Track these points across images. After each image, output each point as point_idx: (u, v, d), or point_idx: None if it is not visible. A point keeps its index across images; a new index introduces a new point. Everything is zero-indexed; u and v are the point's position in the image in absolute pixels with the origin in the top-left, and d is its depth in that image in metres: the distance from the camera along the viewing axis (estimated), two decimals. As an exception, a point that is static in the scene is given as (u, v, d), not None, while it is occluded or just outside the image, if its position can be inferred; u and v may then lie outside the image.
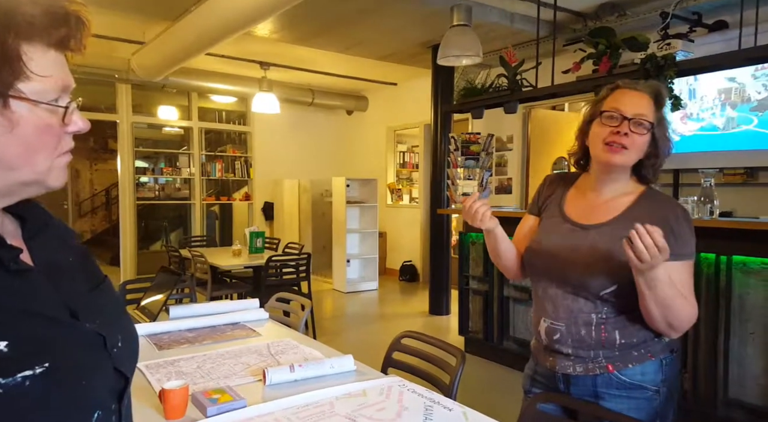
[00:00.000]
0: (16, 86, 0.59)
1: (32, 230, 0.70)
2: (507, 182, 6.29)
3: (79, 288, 0.71)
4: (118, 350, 0.70)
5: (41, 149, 0.63)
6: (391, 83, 7.86)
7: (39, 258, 0.68)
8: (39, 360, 0.58)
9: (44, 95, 0.61)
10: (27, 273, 0.63)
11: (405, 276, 7.64)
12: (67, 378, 0.61)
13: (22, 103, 0.60)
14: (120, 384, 0.70)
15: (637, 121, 1.33)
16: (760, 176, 4.14)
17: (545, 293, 1.45)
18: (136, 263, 7.29)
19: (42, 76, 0.60)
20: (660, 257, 1.14)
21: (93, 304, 0.71)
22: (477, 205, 1.42)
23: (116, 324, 0.73)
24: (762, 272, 2.67)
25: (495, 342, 4.10)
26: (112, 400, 0.69)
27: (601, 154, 1.37)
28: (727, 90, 4.26)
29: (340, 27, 5.12)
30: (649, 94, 1.37)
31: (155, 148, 8.37)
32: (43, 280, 0.65)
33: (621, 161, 1.36)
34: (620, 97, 1.37)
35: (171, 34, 4.99)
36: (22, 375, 0.56)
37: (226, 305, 2.39)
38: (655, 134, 1.36)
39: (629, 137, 1.33)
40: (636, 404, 1.35)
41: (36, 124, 0.61)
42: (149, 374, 1.57)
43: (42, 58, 0.61)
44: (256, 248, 5.04)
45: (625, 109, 1.34)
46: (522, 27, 4.85)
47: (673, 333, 1.31)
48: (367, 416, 1.29)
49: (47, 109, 0.62)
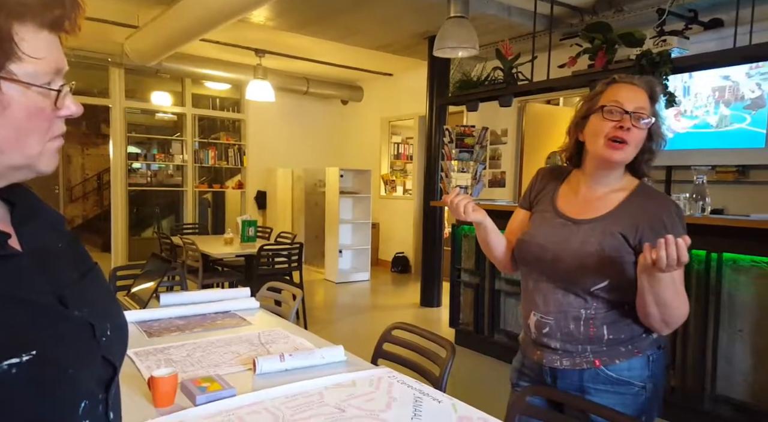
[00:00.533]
0: (8, 67, 0.57)
1: (21, 215, 0.69)
2: (501, 175, 6.30)
3: (68, 275, 0.70)
4: (107, 339, 0.69)
5: (32, 133, 0.62)
6: (387, 74, 7.83)
7: (28, 243, 0.66)
8: (26, 348, 0.57)
9: (37, 78, 0.60)
10: (15, 259, 0.62)
11: (397, 268, 7.65)
12: (54, 367, 0.60)
13: (14, 85, 0.58)
14: (108, 373, 0.69)
15: (637, 115, 1.33)
16: (752, 174, 4.17)
17: (536, 287, 1.45)
18: (127, 249, 7.26)
19: (35, 57, 0.59)
20: (676, 269, 1.14)
21: (82, 292, 0.70)
22: (458, 199, 1.42)
23: (105, 312, 0.72)
24: (752, 270, 2.69)
25: (485, 334, 4.12)
26: (99, 389, 0.68)
27: (603, 150, 1.35)
28: (721, 88, 4.27)
29: (336, 15, 5.08)
30: (645, 89, 1.37)
31: (148, 133, 8.31)
32: (32, 266, 0.64)
33: (621, 158, 1.35)
34: (618, 91, 1.36)
35: (166, 18, 4.93)
36: (8, 363, 0.55)
37: (217, 293, 2.38)
38: (651, 129, 1.36)
39: (630, 132, 1.32)
40: (622, 399, 1.35)
41: (27, 107, 0.60)
42: (138, 361, 1.56)
43: (34, 39, 0.59)
44: (248, 237, 5.02)
45: (626, 103, 1.33)
46: (519, 20, 4.84)
47: (666, 330, 1.32)
48: (356, 406, 1.29)
49: (39, 91, 0.61)
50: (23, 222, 0.68)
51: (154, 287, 2.30)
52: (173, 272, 2.81)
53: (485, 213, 1.48)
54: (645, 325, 1.35)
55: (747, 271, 2.71)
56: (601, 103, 1.37)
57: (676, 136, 4.54)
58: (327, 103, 8.81)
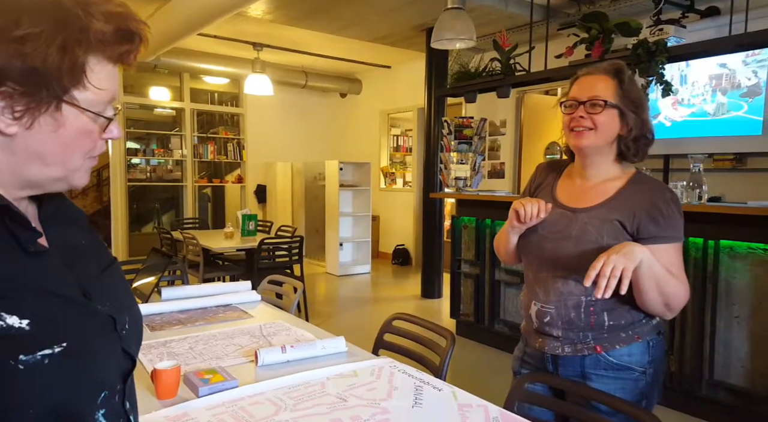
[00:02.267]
0: (72, 93, 0.63)
1: (48, 212, 0.73)
2: (500, 166, 6.30)
3: (91, 270, 0.74)
4: (127, 332, 0.73)
5: (77, 151, 0.67)
6: (385, 66, 7.81)
7: (54, 240, 0.70)
8: (58, 339, 0.61)
9: (94, 105, 0.65)
10: (44, 255, 0.66)
11: (397, 260, 7.68)
12: (81, 358, 0.64)
13: (73, 109, 0.64)
14: (127, 364, 0.73)
15: (591, 102, 1.38)
16: (749, 162, 4.18)
17: (536, 277, 1.48)
18: (127, 245, 7.28)
19: (98, 88, 0.64)
20: (620, 269, 1.21)
21: (104, 286, 0.73)
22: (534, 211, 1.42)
23: (124, 305, 0.76)
24: (748, 257, 2.71)
25: (486, 325, 4.14)
26: (118, 381, 0.71)
27: (569, 140, 1.44)
28: (718, 76, 4.27)
29: (334, 8, 5.08)
30: (608, 74, 1.40)
31: (147, 129, 8.30)
32: (59, 262, 0.68)
33: (587, 143, 1.40)
34: (578, 86, 1.43)
35: (163, 13, 4.93)
36: (42, 353, 0.59)
37: (219, 287, 2.40)
38: (620, 108, 1.38)
39: (588, 119, 1.38)
40: (622, 384, 1.38)
41: (78, 128, 0.65)
42: (141, 354, 1.58)
43: (102, 71, 0.65)
44: (248, 231, 5.04)
45: (580, 94, 1.40)
46: (516, 11, 4.83)
47: (669, 314, 1.35)
48: (358, 396, 1.31)
49: (91, 116, 0.66)
50: (50, 219, 0.73)
51: (156, 281, 2.32)
52: (174, 267, 2.82)
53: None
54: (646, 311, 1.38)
55: (744, 258, 2.73)
56: (562, 99, 1.46)
57: (673, 125, 4.54)
58: (326, 96, 8.80)
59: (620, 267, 1.21)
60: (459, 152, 4.34)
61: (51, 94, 0.61)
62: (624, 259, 1.21)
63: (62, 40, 0.59)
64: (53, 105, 0.61)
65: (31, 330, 0.58)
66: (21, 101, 0.60)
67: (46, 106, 0.61)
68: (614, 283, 1.20)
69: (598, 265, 1.22)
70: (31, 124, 0.61)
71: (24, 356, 0.57)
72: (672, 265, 1.32)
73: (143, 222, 8.88)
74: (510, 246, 1.55)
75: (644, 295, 1.30)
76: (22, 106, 0.60)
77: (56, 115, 0.62)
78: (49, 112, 0.61)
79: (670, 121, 4.56)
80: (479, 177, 4.44)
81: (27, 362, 0.58)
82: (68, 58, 0.60)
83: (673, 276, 1.30)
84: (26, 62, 0.58)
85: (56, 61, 0.59)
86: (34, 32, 0.58)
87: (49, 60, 0.59)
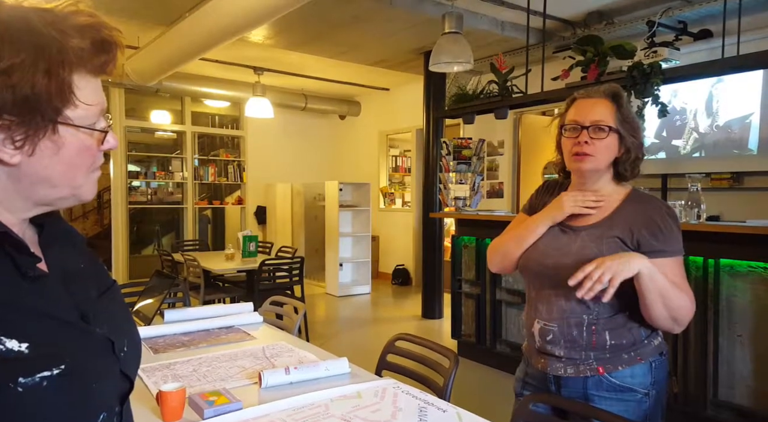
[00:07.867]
0: (65, 113, 0.64)
1: (48, 236, 0.74)
2: (498, 186, 6.34)
3: (89, 293, 0.75)
4: (125, 354, 0.74)
5: (80, 167, 0.69)
6: (384, 88, 7.90)
7: (54, 264, 0.71)
8: (56, 361, 0.62)
9: (86, 120, 0.67)
10: (43, 279, 0.67)
11: (397, 280, 7.66)
12: (80, 380, 0.65)
13: (69, 128, 0.65)
14: (124, 387, 0.74)
15: (595, 127, 1.40)
16: (746, 181, 4.21)
17: (539, 294, 1.49)
18: (128, 267, 7.27)
19: (88, 104, 0.66)
20: (608, 277, 1.24)
21: (102, 309, 0.74)
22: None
23: (123, 328, 0.77)
24: (748, 275, 2.72)
25: (487, 345, 4.13)
26: (116, 402, 0.72)
27: (572, 164, 1.45)
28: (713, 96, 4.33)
29: (333, 33, 5.16)
30: (606, 98, 1.43)
31: (148, 152, 8.36)
32: (58, 286, 0.69)
33: (590, 167, 1.42)
34: (577, 108, 1.45)
35: (165, 39, 5.00)
36: (41, 375, 0.60)
37: (221, 308, 2.41)
38: (620, 133, 1.41)
39: (591, 144, 1.40)
40: (626, 406, 1.37)
41: (77, 146, 0.67)
42: (146, 377, 1.59)
43: (87, 86, 0.66)
44: (249, 252, 5.05)
45: (583, 118, 1.42)
46: (512, 34, 4.92)
47: (677, 327, 1.35)
48: (362, 417, 1.32)
49: (87, 132, 0.68)
50: (50, 244, 0.74)
51: (158, 303, 2.32)
52: (176, 289, 2.83)
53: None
54: (650, 330, 1.39)
55: (744, 277, 2.73)
56: (564, 122, 1.47)
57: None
58: (325, 118, 8.87)
59: (609, 274, 1.23)
60: (458, 172, 4.38)
61: (46, 118, 0.62)
62: (617, 267, 1.23)
63: (45, 64, 0.61)
64: (50, 128, 0.63)
65: (31, 354, 0.60)
66: (19, 130, 0.61)
67: (43, 131, 0.63)
68: (598, 288, 1.24)
69: (588, 268, 1.25)
70: (33, 150, 0.63)
71: (23, 379, 0.58)
72: (674, 276, 1.34)
73: (144, 244, 8.88)
74: (520, 249, 1.52)
75: (650, 309, 1.31)
76: (21, 135, 0.61)
77: (54, 137, 0.64)
78: (47, 136, 0.63)
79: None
80: (478, 197, 4.47)
81: (26, 384, 0.58)
82: (55, 81, 0.61)
83: (677, 289, 1.31)
84: (16, 92, 0.59)
85: (44, 86, 0.61)
86: (16, 62, 0.59)
87: (37, 86, 0.60)
